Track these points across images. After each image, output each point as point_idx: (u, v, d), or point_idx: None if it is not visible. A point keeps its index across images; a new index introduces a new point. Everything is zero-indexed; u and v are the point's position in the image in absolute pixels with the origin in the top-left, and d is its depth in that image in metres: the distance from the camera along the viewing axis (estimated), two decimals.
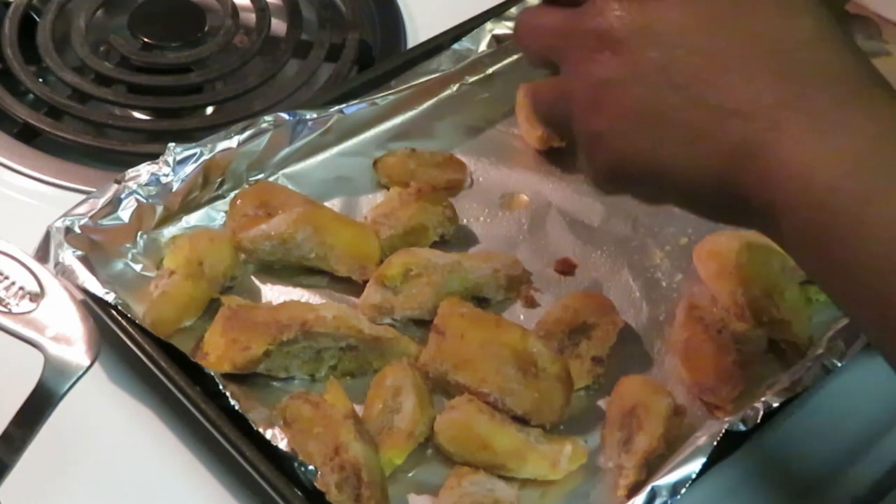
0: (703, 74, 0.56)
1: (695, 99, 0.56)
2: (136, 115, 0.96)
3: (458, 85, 0.94)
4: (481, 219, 0.86)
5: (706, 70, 0.56)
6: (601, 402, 0.75)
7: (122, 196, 0.79)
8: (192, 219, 0.83)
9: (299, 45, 0.99)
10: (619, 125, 0.58)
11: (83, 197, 0.79)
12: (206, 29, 1.00)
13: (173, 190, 0.81)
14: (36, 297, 0.62)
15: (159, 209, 0.81)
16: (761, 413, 0.69)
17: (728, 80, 0.56)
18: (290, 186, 0.85)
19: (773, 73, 0.55)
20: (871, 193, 0.52)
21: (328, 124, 0.87)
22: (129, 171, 0.80)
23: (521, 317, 0.80)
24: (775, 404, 0.70)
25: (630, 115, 0.58)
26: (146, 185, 0.80)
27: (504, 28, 0.96)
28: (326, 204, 0.84)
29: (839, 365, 0.73)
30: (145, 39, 0.98)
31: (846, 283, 0.54)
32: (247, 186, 0.85)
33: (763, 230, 0.57)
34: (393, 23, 1.02)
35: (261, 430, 0.67)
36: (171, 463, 0.72)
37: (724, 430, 0.68)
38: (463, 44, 0.94)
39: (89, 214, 0.78)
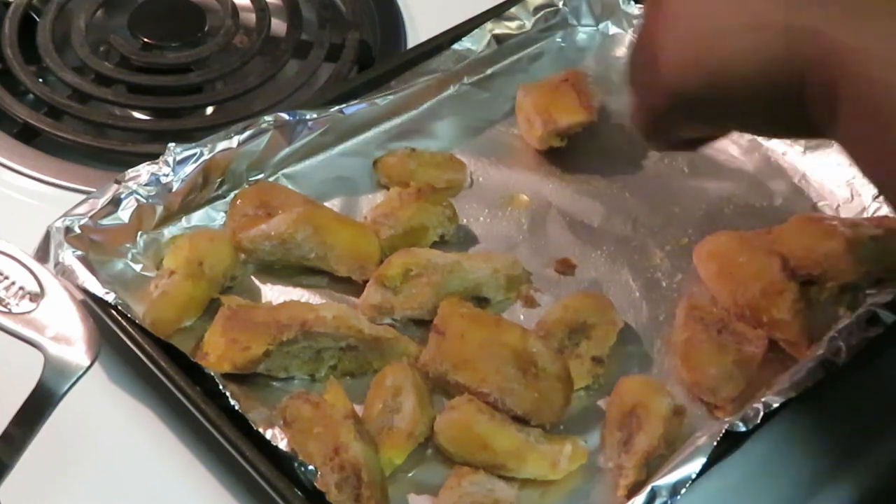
0: None
1: None
2: (136, 115, 0.96)
3: (457, 85, 0.94)
4: (481, 219, 0.86)
5: None
6: (601, 402, 0.75)
7: (122, 196, 0.79)
8: (192, 219, 0.83)
9: (299, 45, 0.99)
10: (684, 19, 0.61)
11: (83, 197, 0.79)
12: (206, 29, 1.00)
13: (173, 190, 0.81)
14: (36, 297, 0.62)
15: (159, 209, 0.81)
16: (761, 413, 0.69)
17: None
18: (290, 186, 0.85)
19: None
20: None
21: (328, 124, 0.87)
22: (129, 171, 0.80)
23: (521, 317, 0.80)
24: (775, 404, 0.70)
25: (699, 15, 0.61)
26: (146, 185, 0.80)
27: (504, 28, 0.96)
28: (326, 204, 0.84)
29: (839, 365, 0.72)
30: (145, 39, 0.98)
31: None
32: (247, 186, 0.85)
33: (820, 126, 0.58)
34: (393, 23, 1.02)
35: (261, 430, 0.67)
36: (171, 463, 0.72)
37: (724, 430, 0.68)
38: (463, 44, 0.94)
39: (89, 214, 0.78)
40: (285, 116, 0.85)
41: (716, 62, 0.60)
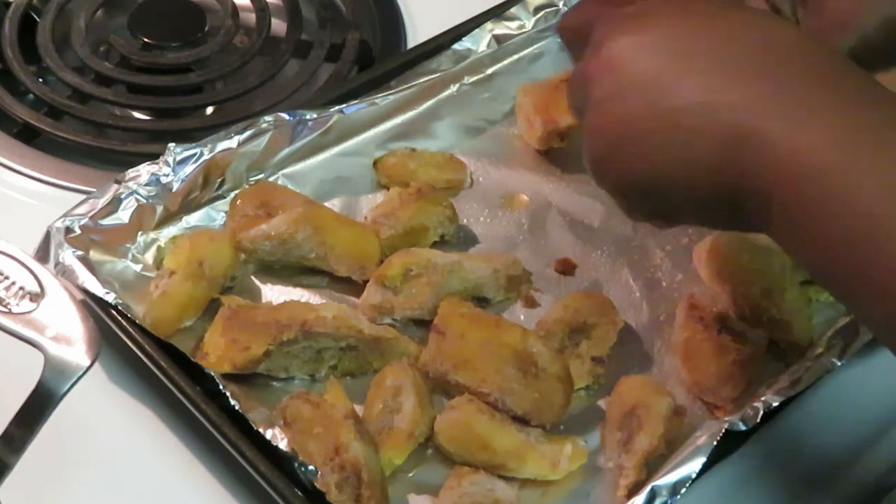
0: (695, 74, 0.58)
1: (686, 99, 0.57)
2: (136, 115, 0.96)
3: (458, 85, 0.94)
4: (481, 219, 0.86)
5: (698, 70, 0.58)
6: (601, 402, 0.75)
7: (123, 196, 0.79)
8: (193, 219, 0.83)
9: (299, 45, 0.99)
10: (616, 141, 0.60)
11: (83, 197, 0.80)
12: (206, 29, 1.00)
13: (173, 190, 0.81)
14: (36, 297, 0.62)
15: (159, 209, 0.81)
16: (761, 413, 0.69)
17: (718, 79, 0.57)
18: (290, 186, 0.85)
19: (762, 69, 0.57)
20: (851, 167, 0.53)
21: (328, 124, 0.87)
22: (130, 171, 0.80)
23: (521, 317, 0.80)
24: (775, 404, 0.70)
25: (625, 127, 0.60)
26: (146, 185, 0.80)
27: (504, 28, 0.96)
28: (326, 204, 0.84)
29: (839, 364, 0.73)
30: (145, 39, 0.98)
31: (834, 264, 0.55)
32: (247, 186, 0.85)
33: (762, 227, 0.58)
34: (393, 23, 1.02)
35: (261, 430, 0.67)
36: (171, 463, 0.72)
37: (724, 430, 0.68)
38: (463, 44, 0.94)
39: (89, 214, 0.78)
40: (285, 116, 0.85)
41: (645, 173, 0.60)
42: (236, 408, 0.68)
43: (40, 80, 0.95)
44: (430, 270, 0.78)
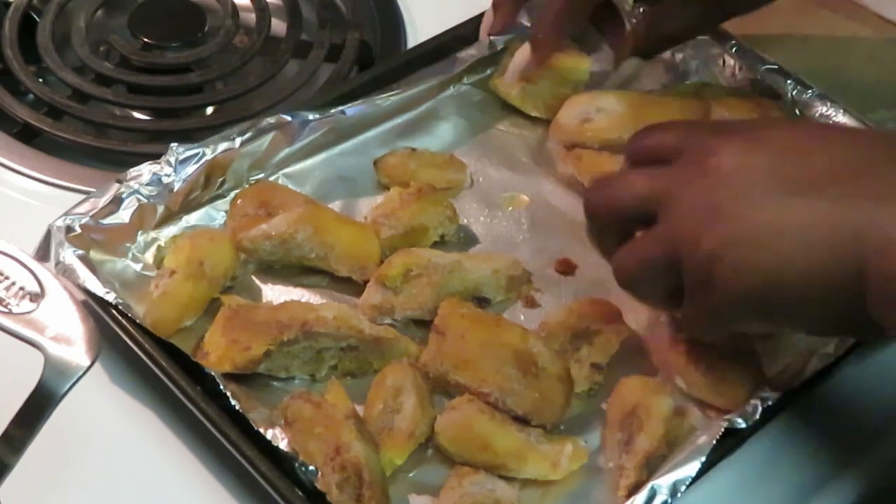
0: (813, 176, 0.61)
1: (807, 194, 0.60)
2: (137, 115, 0.96)
3: (458, 85, 0.94)
4: (481, 219, 0.86)
5: (816, 173, 0.61)
6: (602, 403, 0.75)
7: (124, 195, 0.79)
8: (193, 218, 0.83)
9: (299, 45, 0.99)
10: (734, 239, 0.62)
11: (83, 197, 0.79)
12: (206, 29, 1.00)
13: (174, 190, 0.81)
14: (36, 297, 0.62)
15: (160, 209, 0.81)
16: (760, 409, 0.69)
17: (836, 178, 0.60)
18: (290, 186, 0.85)
19: (874, 174, 0.60)
20: None
21: (329, 124, 0.87)
22: (131, 170, 0.80)
23: (522, 317, 0.80)
24: (774, 401, 0.70)
25: (744, 226, 0.62)
26: (147, 184, 0.80)
27: None
28: (327, 204, 0.84)
29: (839, 365, 0.72)
30: (145, 39, 0.98)
31: None
32: (247, 186, 0.85)
33: (880, 322, 0.59)
34: (393, 23, 1.02)
35: (261, 430, 0.67)
36: (171, 463, 0.72)
37: (723, 430, 0.68)
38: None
39: (90, 214, 0.78)
40: (286, 117, 0.85)
41: (774, 263, 0.61)
42: (237, 408, 0.68)
43: (40, 80, 0.95)
44: (430, 270, 0.78)
